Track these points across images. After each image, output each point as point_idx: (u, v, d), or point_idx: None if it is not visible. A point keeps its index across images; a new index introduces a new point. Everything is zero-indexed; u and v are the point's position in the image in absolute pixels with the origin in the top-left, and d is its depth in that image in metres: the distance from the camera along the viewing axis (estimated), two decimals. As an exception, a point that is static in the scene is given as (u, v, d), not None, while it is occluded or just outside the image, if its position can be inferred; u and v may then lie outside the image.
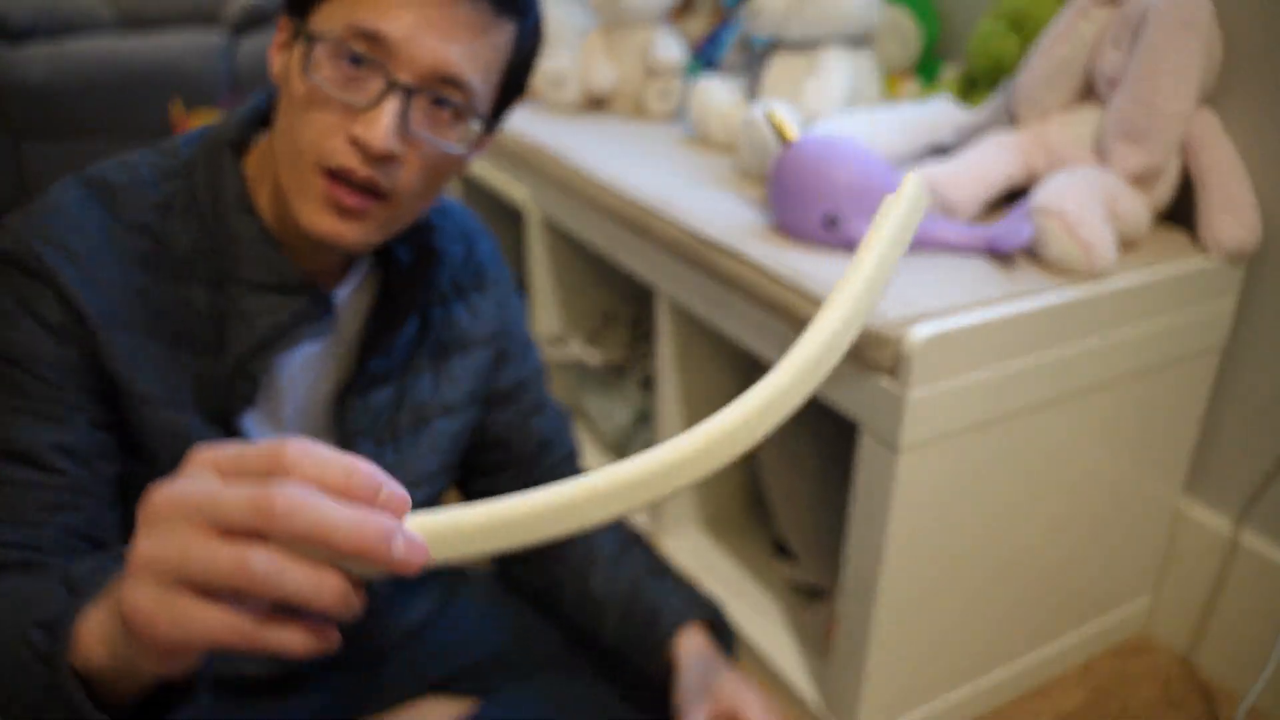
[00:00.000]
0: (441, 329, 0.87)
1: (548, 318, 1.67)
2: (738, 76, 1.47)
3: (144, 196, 0.73)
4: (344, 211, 0.71)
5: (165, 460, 0.74)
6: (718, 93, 1.41)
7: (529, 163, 1.51)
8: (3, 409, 0.68)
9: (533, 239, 1.59)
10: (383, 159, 0.68)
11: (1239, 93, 1.12)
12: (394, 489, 0.42)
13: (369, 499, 0.41)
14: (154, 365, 0.72)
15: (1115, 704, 1.24)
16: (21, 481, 0.67)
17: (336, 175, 0.69)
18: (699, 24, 1.90)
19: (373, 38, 0.66)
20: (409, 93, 0.67)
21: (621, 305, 1.72)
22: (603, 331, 1.65)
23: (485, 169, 1.69)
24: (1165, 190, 1.11)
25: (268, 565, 0.39)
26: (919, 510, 0.99)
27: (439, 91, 0.69)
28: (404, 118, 0.68)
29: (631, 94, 1.64)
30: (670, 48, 1.57)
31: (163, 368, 0.73)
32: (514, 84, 0.76)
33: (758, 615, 1.30)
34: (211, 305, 0.74)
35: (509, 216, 1.97)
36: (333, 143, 0.68)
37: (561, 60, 1.64)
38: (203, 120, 1.99)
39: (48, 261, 0.68)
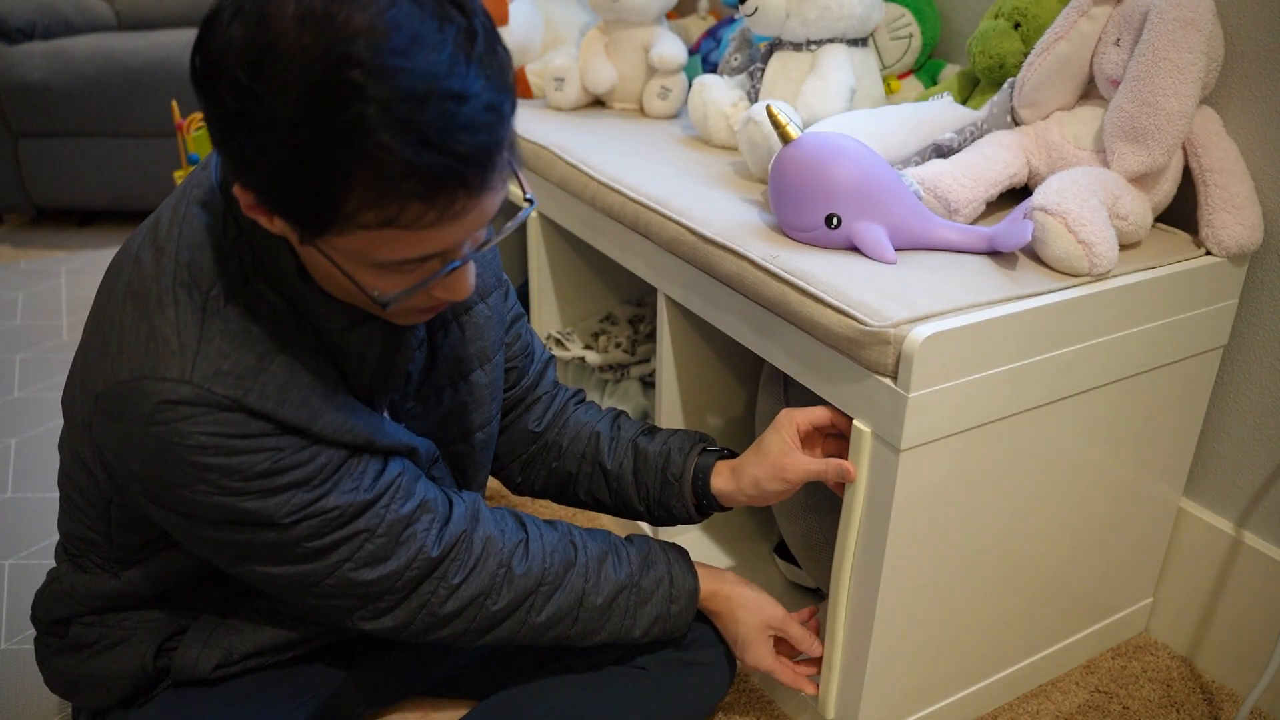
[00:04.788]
0: None
1: (548, 318, 1.67)
2: (737, 76, 1.47)
3: (232, 280, 0.76)
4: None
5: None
6: (718, 92, 1.41)
7: (529, 163, 1.51)
8: (330, 489, 0.79)
9: (533, 239, 1.59)
10: None
11: (1241, 91, 1.12)
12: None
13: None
14: (349, 414, 0.80)
15: (1116, 705, 1.24)
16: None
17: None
18: (699, 23, 1.90)
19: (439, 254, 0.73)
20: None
21: (621, 305, 1.72)
22: (603, 331, 1.65)
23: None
24: (1167, 190, 1.11)
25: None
26: (920, 511, 0.98)
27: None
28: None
29: (631, 93, 1.64)
30: (670, 46, 1.56)
31: (351, 408, 0.80)
32: None
33: (758, 616, 1.29)
34: (324, 341, 0.80)
35: (509, 216, 1.97)
36: (422, 302, 0.78)
37: (561, 60, 1.64)
38: (201, 120, 1.99)
39: (231, 394, 0.73)
